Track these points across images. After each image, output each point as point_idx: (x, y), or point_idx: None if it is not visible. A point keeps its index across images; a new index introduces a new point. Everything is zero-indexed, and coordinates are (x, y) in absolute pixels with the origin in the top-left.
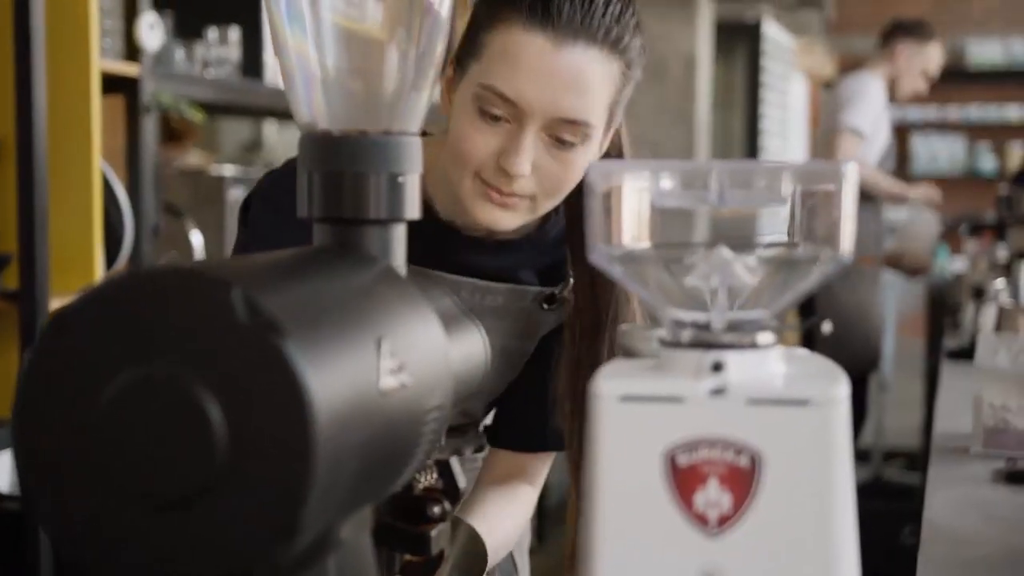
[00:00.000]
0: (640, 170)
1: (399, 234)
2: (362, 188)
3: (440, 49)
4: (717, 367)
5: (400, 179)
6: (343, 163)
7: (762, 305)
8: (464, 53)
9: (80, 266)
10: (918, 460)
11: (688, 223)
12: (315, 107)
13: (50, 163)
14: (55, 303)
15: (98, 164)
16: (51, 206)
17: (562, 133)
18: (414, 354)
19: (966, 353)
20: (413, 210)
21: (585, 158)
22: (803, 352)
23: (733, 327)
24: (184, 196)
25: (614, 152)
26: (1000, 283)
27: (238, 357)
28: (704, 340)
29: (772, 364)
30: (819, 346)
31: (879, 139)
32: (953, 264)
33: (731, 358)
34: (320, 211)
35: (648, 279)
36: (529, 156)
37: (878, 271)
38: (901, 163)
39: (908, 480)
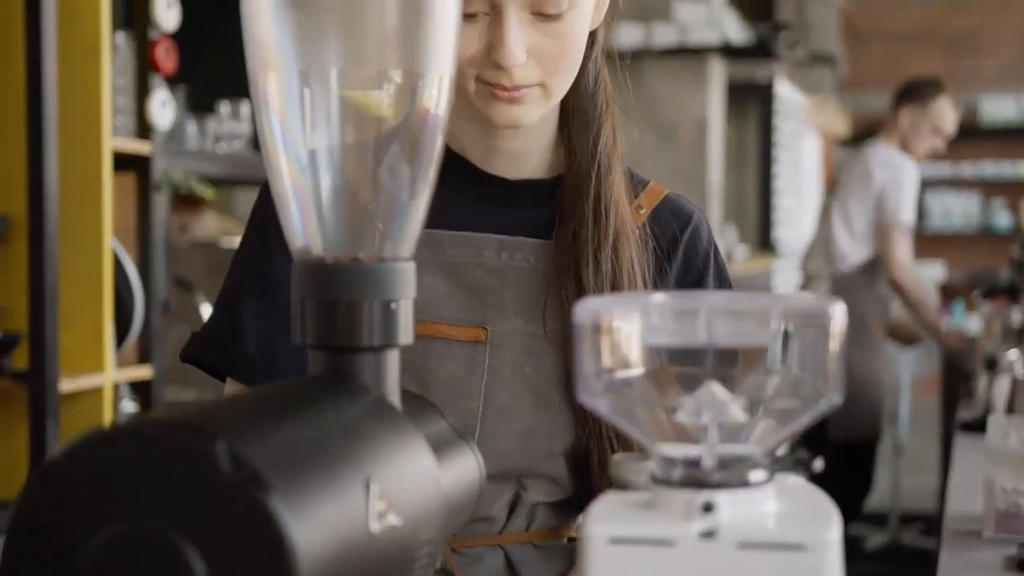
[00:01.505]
0: (629, 308)
1: (392, 360)
2: (355, 316)
3: (434, 170)
4: (708, 508)
5: (393, 305)
6: (336, 291)
7: (753, 440)
8: None
9: (90, 345)
10: (935, 524)
11: (679, 355)
12: (309, 233)
13: (61, 241)
14: (65, 384)
15: (109, 243)
16: (61, 285)
17: (543, 6)
18: (404, 491)
19: (979, 425)
20: (407, 336)
21: (580, 21)
22: (796, 482)
23: (724, 464)
24: (196, 268)
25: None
26: (1013, 354)
27: (223, 511)
28: (695, 478)
29: (764, 503)
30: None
31: None
32: (968, 323)
33: (722, 498)
34: (313, 338)
35: (637, 414)
36: (518, 43)
37: (887, 341)
38: (916, 219)
39: (925, 545)
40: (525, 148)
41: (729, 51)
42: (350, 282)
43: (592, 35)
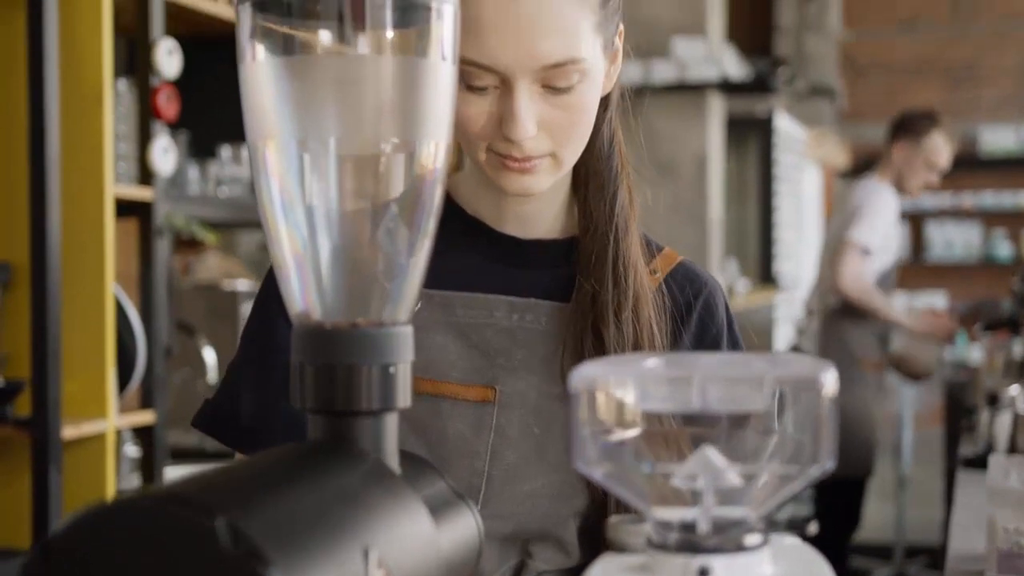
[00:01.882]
0: (624, 375)
1: (391, 424)
2: (354, 380)
3: (431, 233)
4: (703, 572)
5: (392, 369)
6: (335, 356)
7: (749, 504)
8: None
9: (92, 392)
10: (940, 558)
11: (674, 420)
12: (308, 298)
13: (64, 288)
14: (68, 430)
15: (111, 289)
16: (64, 332)
17: (554, 80)
18: (403, 557)
19: (982, 461)
20: (405, 399)
21: (591, 92)
22: (792, 542)
23: (719, 528)
24: (198, 311)
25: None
26: (1015, 389)
27: None
28: (690, 543)
29: (760, 566)
30: None
31: (886, 255)
32: (971, 352)
33: (717, 563)
34: (312, 403)
35: (632, 479)
36: (529, 116)
37: (881, 375)
38: (917, 251)
39: None
40: (537, 210)
41: (728, 87)
42: (348, 347)
43: (605, 99)
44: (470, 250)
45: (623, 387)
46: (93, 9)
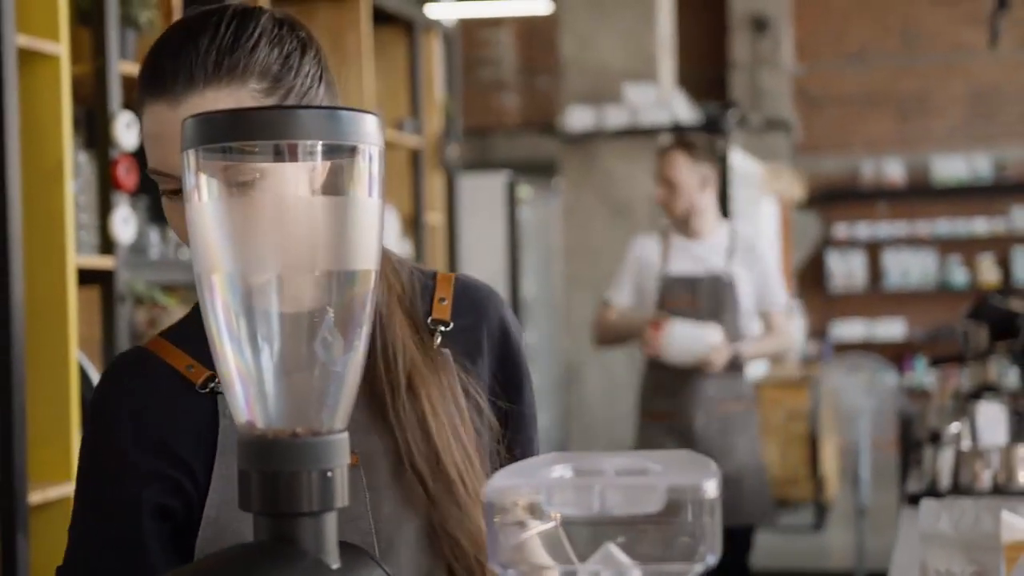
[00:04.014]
0: (535, 486)
1: (331, 522)
2: (295, 485)
3: (364, 347)
4: None
5: (330, 473)
6: (278, 463)
7: None
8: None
9: (58, 457)
10: None
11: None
12: (252, 410)
13: (28, 357)
14: (34, 496)
15: (75, 356)
16: (28, 399)
17: (239, 177)
18: None
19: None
20: (343, 499)
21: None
22: None
23: None
24: None
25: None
26: (955, 427)
27: None
28: None
29: None
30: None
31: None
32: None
33: None
34: (258, 506)
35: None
36: None
37: (748, 413)
38: (874, 279)
39: None
40: None
41: (680, 130)
42: (290, 455)
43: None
44: None
45: (533, 495)
46: (53, 87)
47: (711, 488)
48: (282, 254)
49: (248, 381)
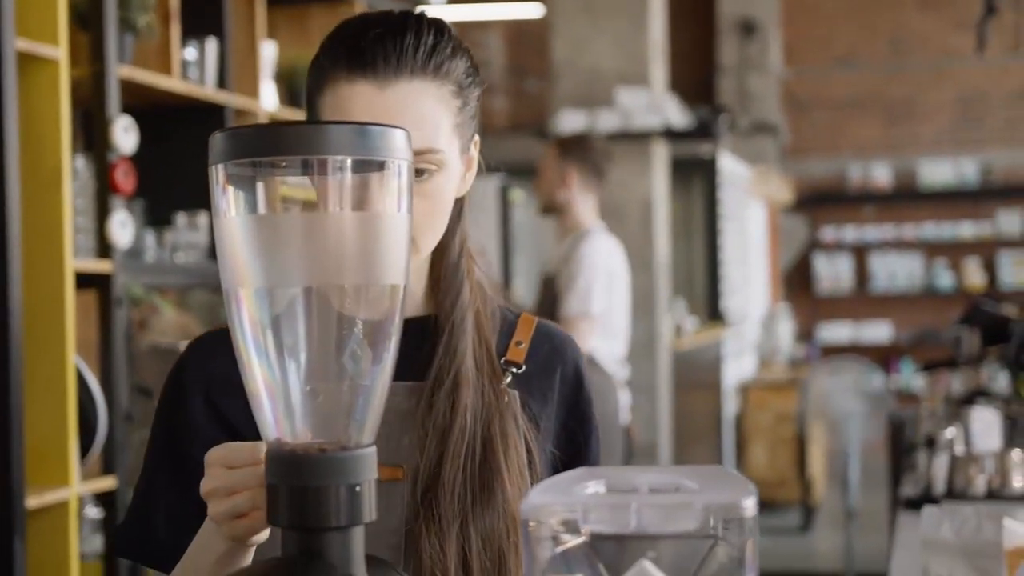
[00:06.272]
0: (572, 506)
1: (358, 536)
2: (323, 500)
3: (391, 362)
4: None
5: (358, 488)
6: (306, 479)
7: None
8: None
9: (55, 462)
10: None
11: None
12: (280, 427)
13: (26, 361)
14: (31, 500)
15: (72, 360)
16: (26, 403)
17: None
18: None
19: (921, 503)
20: (371, 513)
21: (448, 183)
22: None
23: None
24: (155, 372)
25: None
26: (951, 432)
27: None
28: None
29: None
30: None
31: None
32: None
33: None
34: (286, 520)
35: None
36: None
37: (608, 383)
38: (861, 282)
39: None
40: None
41: (671, 134)
42: (318, 471)
43: (459, 203)
44: None
45: (568, 512)
46: (51, 90)
47: (750, 507)
48: (310, 268)
49: (276, 396)
